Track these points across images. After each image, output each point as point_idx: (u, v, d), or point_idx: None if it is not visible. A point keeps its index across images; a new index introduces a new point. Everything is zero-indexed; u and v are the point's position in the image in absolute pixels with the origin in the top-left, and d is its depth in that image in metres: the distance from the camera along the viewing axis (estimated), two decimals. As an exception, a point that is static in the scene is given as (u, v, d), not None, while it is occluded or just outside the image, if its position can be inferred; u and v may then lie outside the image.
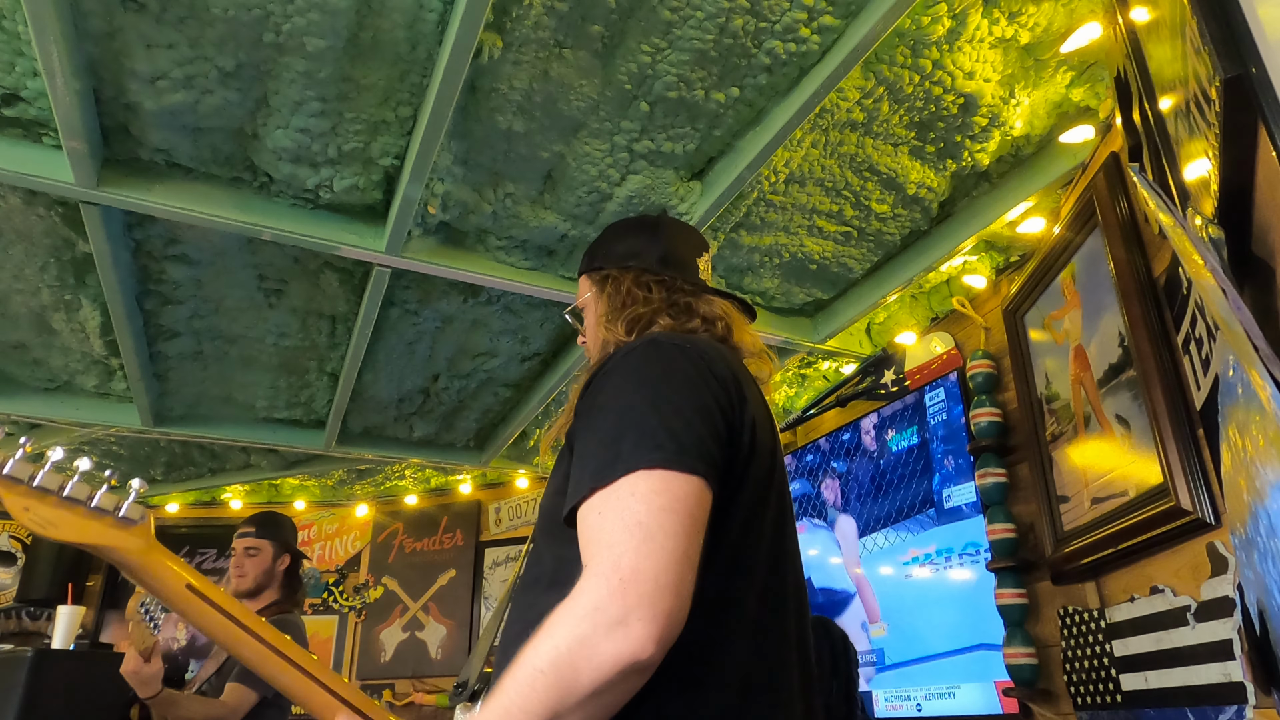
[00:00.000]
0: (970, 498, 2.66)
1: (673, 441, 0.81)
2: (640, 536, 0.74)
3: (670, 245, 1.30)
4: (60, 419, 3.35)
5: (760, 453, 0.92)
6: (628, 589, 0.72)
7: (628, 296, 1.21)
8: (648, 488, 0.77)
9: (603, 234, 1.37)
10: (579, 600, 0.74)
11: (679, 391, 0.87)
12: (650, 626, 0.71)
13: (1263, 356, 0.86)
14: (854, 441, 3.36)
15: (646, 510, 0.76)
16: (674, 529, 0.76)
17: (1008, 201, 2.31)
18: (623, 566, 0.73)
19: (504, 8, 1.67)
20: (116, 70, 1.77)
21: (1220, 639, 1.56)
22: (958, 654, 2.62)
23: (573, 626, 0.72)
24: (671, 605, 0.73)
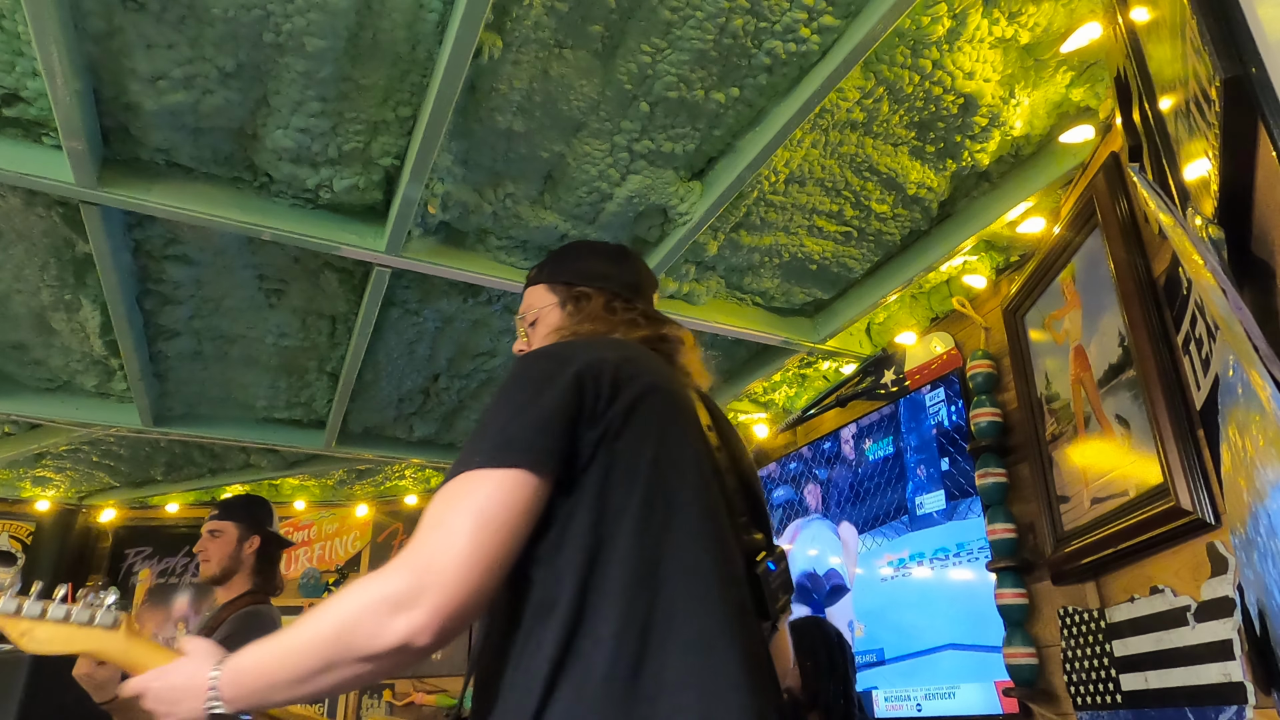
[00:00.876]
0: (940, 505, 2.77)
1: (500, 436, 0.90)
2: (442, 532, 0.83)
3: (636, 276, 1.32)
4: (60, 419, 3.35)
5: (639, 431, 0.96)
6: (420, 580, 0.80)
7: (593, 316, 1.22)
8: (471, 486, 0.86)
9: (567, 250, 1.36)
10: (378, 579, 0.83)
11: (526, 392, 0.95)
12: (429, 617, 0.80)
13: (1263, 356, 0.86)
14: (834, 450, 3.43)
15: (463, 507, 0.84)
16: (484, 524, 0.83)
17: (1008, 201, 2.31)
18: (421, 557, 0.82)
19: (504, 8, 1.67)
20: (116, 70, 1.77)
21: (1220, 639, 1.56)
22: (926, 654, 2.65)
23: (365, 602, 0.82)
24: (455, 601, 0.80)
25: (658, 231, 2.43)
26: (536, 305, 1.29)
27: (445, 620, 0.80)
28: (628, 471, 0.93)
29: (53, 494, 4.70)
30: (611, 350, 1.04)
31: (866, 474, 3.21)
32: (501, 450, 0.88)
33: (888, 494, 3.06)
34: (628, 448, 0.94)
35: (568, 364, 0.97)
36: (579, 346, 1.04)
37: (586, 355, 1.00)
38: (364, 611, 0.81)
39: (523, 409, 0.92)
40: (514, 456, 0.88)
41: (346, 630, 0.82)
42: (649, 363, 1.08)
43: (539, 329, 1.29)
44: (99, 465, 4.26)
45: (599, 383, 0.96)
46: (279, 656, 0.87)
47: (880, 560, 3.03)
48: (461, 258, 2.46)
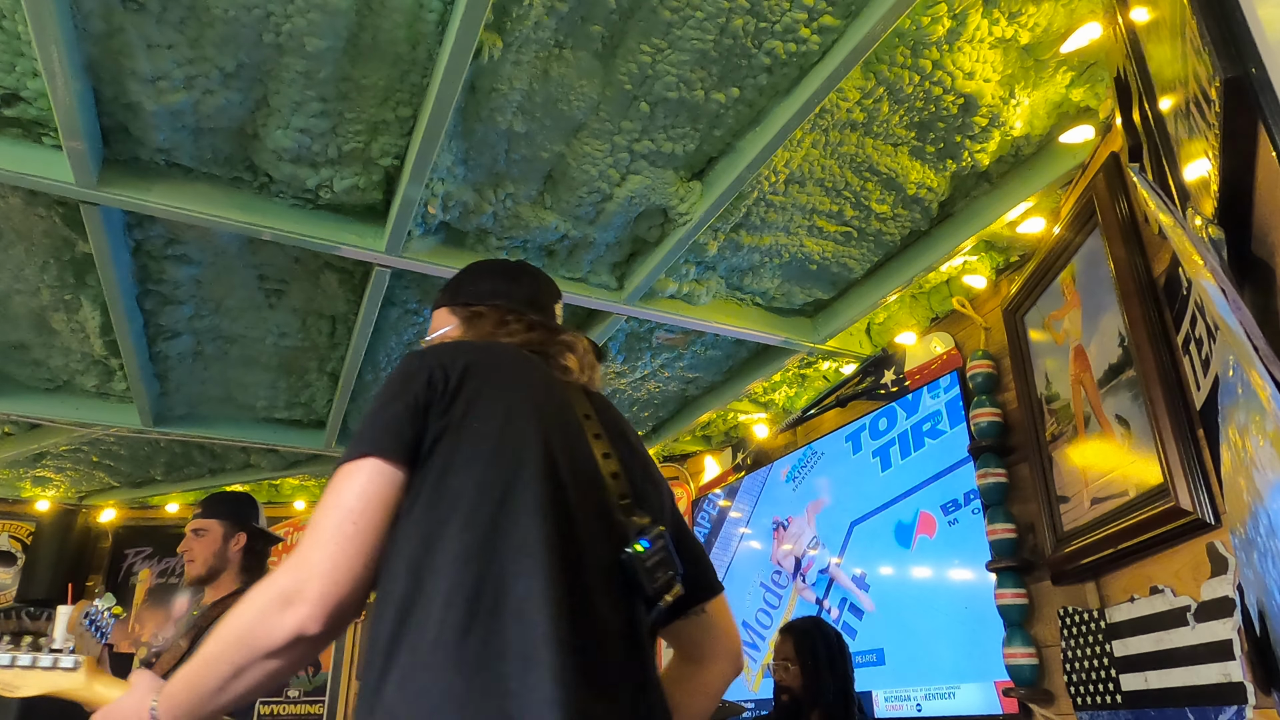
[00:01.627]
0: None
1: (362, 433, 0.98)
2: (315, 530, 0.92)
3: (535, 290, 1.37)
4: (60, 419, 3.35)
5: (483, 420, 1.02)
6: (299, 575, 0.88)
7: (485, 332, 1.27)
8: (333, 487, 0.95)
9: (467, 272, 1.41)
10: (269, 580, 0.90)
11: (388, 393, 1.02)
12: (313, 607, 0.87)
13: (1262, 356, 0.86)
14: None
15: (324, 507, 0.93)
16: (338, 520, 0.91)
17: (1008, 201, 2.31)
18: (300, 554, 0.90)
19: (504, 8, 1.67)
20: (116, 70, 1.77)
21: (1220, 639, 1.56)
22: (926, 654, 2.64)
23: (258, 603, 0.89)
24: (333, 589, 0.88)
25: (658, 231, 2.43)
26: (439, 327, 1.34)
27: (329, 608, 0.88)
28: (468, 458, 0.98)
29: (53, 494, 4.71)
30: (472, 350, 1.12)
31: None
32: (358, 444, 0.97)
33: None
34: (470, 436, 1.00)
35: (425, 364, 1.05)
36: (442, 347, 1.11)
37: (443, 354, 1.08)
38: (258, 612, 0.89)
39: (384, 407, 1.01)
40: (367, 447, 0.96)
41: (247, 632, 0.90)
42: (509, 358, 1.15)
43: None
44: (99, 465, 4.26)
45: (447, 376, 1.04)
46: (199, 671, 0.94)
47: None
48: (461, 258, 2.46)
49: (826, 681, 2.27)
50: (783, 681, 2.32)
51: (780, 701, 2.32)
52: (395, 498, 0.95)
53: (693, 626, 1.16)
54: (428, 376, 1.03)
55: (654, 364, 3.39)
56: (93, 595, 4.95)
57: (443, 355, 1.08)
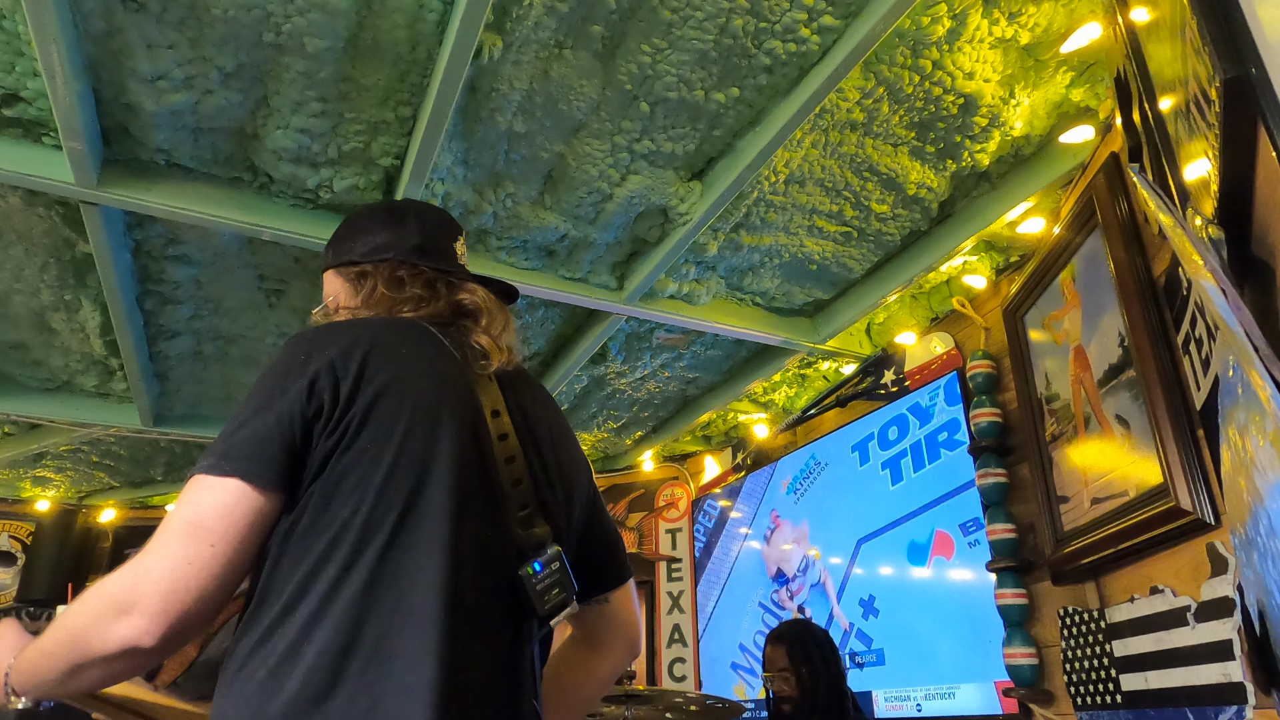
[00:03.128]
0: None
1: (222, 444, 0.89)
2: (162, 540, 0.85)
3: (424, 233, 1.23)
4: (60, 419, 3.35)
5: (376, 435, 0.93)
6: (137, 585, 0.82)
7: (378, 297, 1.15)
8: (188, 497, 0.87)
9: (345, 225, 1.26)
10: (106, 582, 0.85)
11: (261, 392, 0.93)
12: (150, 622, 0.82)
13: (1262, 356, 0.86)
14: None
15: (177, 518, 0.86)
16: (191, 535, 0.84)
17: (1008, 201, 2.31)
18: (142, 564, 0.84)
19: (504, 8, 1.67)
20: (116, 70, 1.77)
21: (1220, 639, 1.56)
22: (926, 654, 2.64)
23: (92, 607, 0.84)
24: (174, 605, 0.82)
25: (658, 231, 2.43)
26: (330, 292, 1.22)
27: (166, 625, 0.82)
28: (356, 485, 0.90)
29: (53, 494, 4.71)
30: (368, 343, 0.99)
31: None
32: (224, 458, 0.88)
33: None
34: (361, 459, 0.91)
35: (309, 361, 0.95)
36: (327, 337, 0.99)
37: (329, 350, 0.96)
38: (92, 616, 0.84)
39: (257, 412, 0.91)
40: (234, 464, 0.87)
41: (80, 634, 0.85)
42: (407, 351, 1.03)
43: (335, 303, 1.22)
44: (99, 465, 4.26)
45: (337, 385, 0.93)
46: (40, 660, 0.90)
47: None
48: (461, 258, 2.46)
49: (823, 684, 2.26)
50: (782, 693, 2.28)
51: (781, 712, 2.29)
52: (265, 522, 0.88)
53: (594, 614, 1.14)
54: (311, 381, 0.92)
55: (654, 364, 3.39)
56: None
57: (332, 350, 0.96)
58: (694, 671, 4.17)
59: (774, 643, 2.37)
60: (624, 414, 3.96)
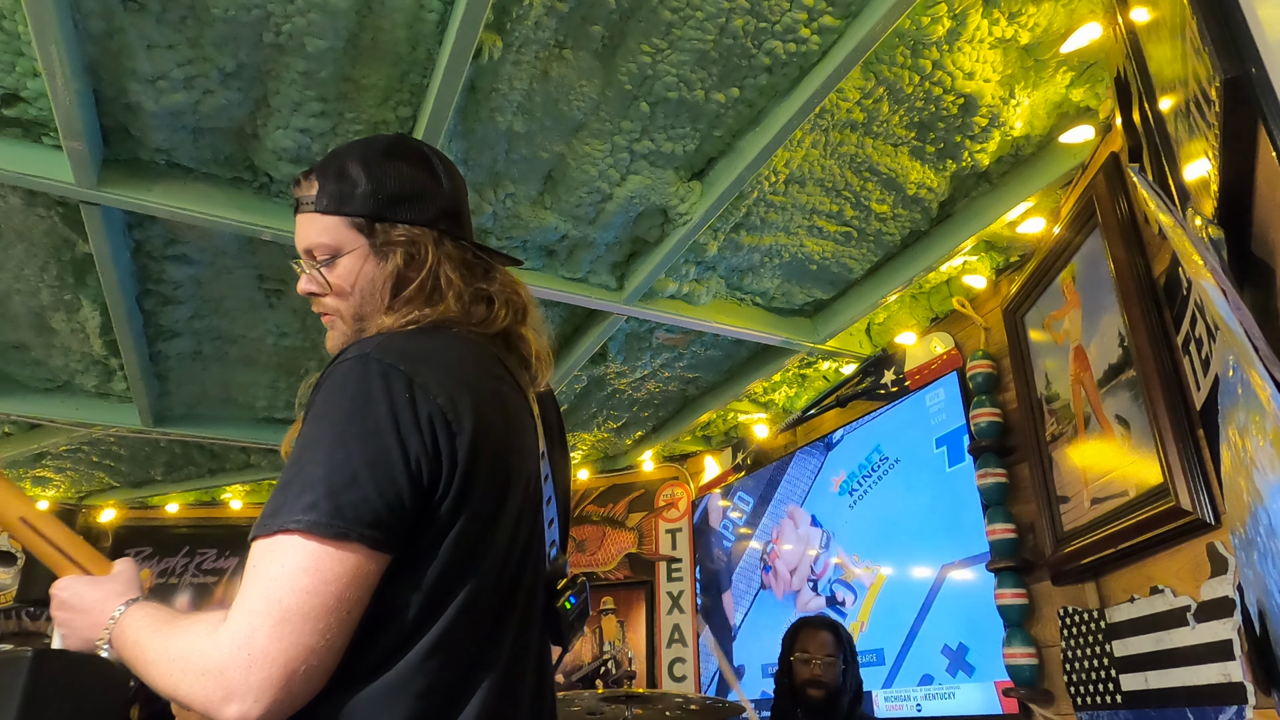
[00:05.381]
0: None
1: (329, 501, 0.76)
2: (278, 616, 0.73)
3: (455, 190, 1.03)
4: (60, 419, 3.35)
5: (482, 486, 0.85)
6: (253, 669, 0.72)
7: (429, 277, 0.95)
8: (295, 560, 0.74)
9: (362, 158, 0.98)
10: (206, 657, 0.75)
11: (359, 434, 0.79)
12: (262, 709, 0.72)
13: (1263, 356, 0.86)
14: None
15: (289, 587, 0.74)
16: (314, 612, 0.74)
17: (1008, 201, 2.31)
18: (255, 643, 0.73)
19: (504, 8, 1.67)
20: (116, 70, 1.77)
21: (1220, 639, 1.56)
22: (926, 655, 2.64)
23: (195, 679, 0.75)
24: (293, 692, 0.74)
25: (658, 231, 2.43)
26: (330, 242, 0.96)
27: (277, 712, 0.74)
28: (459, 546, 0.82)
29: (53, 494, 4.71)
30: (464, 384, 0.86)
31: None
32: (337, 516, 0.75)
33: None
34: (466, 518, 0.83)
35: (415, 403, 0.81)
36: (427, 373, 0.84)
37: (435, 394, 0.83)
38: (198, 691, 0.75)
39: (361, 458, 0.78)
40: (350, 526, 0.75)
41: (183, 695, 0.77)
42: (490, 388, 0.91)
43: (341, 278, 0.97)
44: (99, 465, 4.26)
45: (453, 441, 0.82)
46: (152, 659, 0.81)
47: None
48: (461, 258, 2.46)
49: (853, 683, 2.35)
50: (817, 677, 2.32)
51: (809, 696, 2.32)
52: (373, 588, 0.78)
53: None
54: (405, 432, 0.79)
55: (654, 364, 3.39)
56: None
57: (438, 394, 0.83)
58: (694, 671, 4.16)
59: (819, 628, 2.42)
60: (624, 414, 3.96)
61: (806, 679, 2.33)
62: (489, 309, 0.98)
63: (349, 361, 0.85)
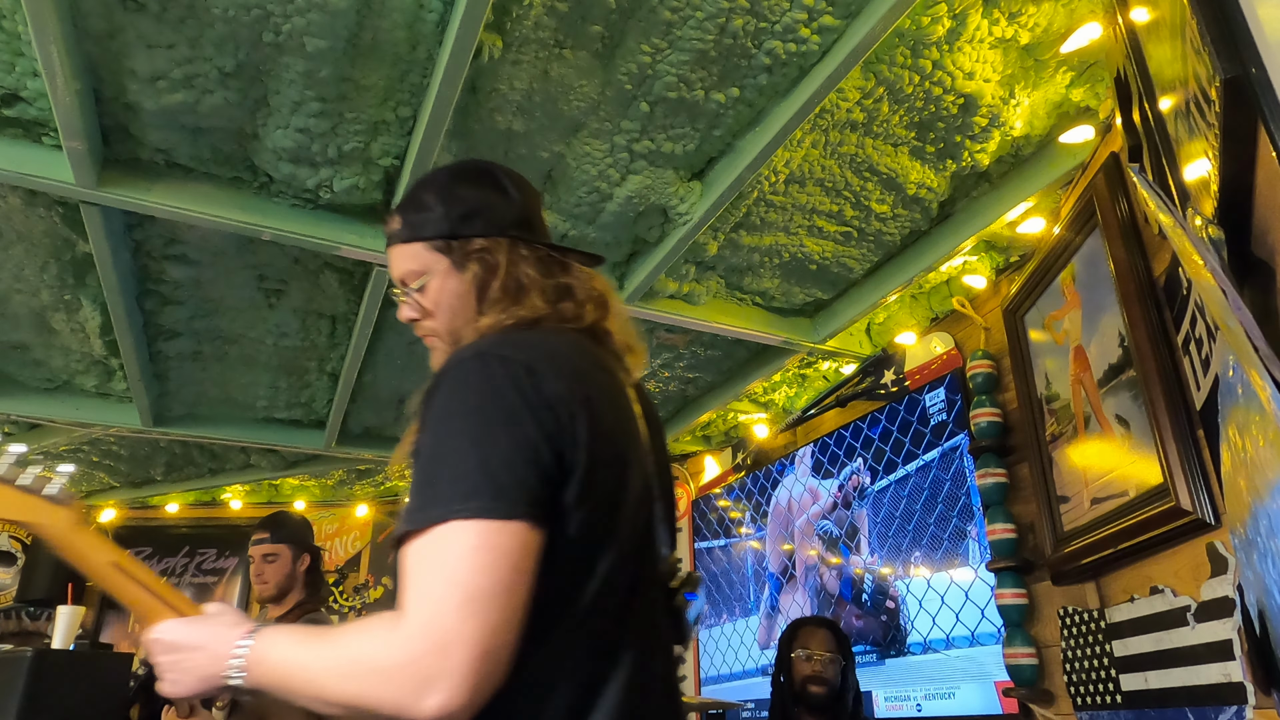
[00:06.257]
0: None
1: (490, 485, 0.77)
2: (462, 597, 0.72)
3: (525, 201, 1.09)
4: (60, 419, 3.35)
5: (600, 468, 0.84)
6: (449, 653, 0.70)
7: (508, 279, 1.00)
8: (467, 543, 0.74)
9: (427, 188, 1.07)
10: (393, 651, 0.72)
11: (498, 422, 0.81)
12: (463, 695, 0.70)
13: (1263, 356, 0.87)
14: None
15: (467, 568, 0.73)
16: (496, 588, 0.73)
17: (1008, 201, 2.31)
18: (445, 627, 0.71)
19: (504, 8, 1.67)
20: (116, 70, 1.77)
21: (1220, 639, 1.56)
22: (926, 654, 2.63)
23: (395, 669, 0.72)
24: (490, 672, 0.72)
25: (658, 231, 2.43)
26: (414, 271, 1.04)
27: (480, 696, 0.72)
28: (589, 532, 0.82)
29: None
30: (567, 372, 0.88)
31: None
32: (500, 497, 0.76)
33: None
34: (592, 504, 0.83)
35: (540, 390, 0.83)
36: (542, 362, 0.86)
37: (553, 382, 0.84)
38: (393, 683, 0.72)
39: (509, 440, 0.79)
40: (513, 505, 0.76)
41: (374, 694, 0.73)
42: (604, 379, 0.94)
43: (441, 301, 1.04)
44: (99, 465, 4.26)
45: (575, 424, 0.83)
46: (313, 675, 0.78)
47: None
48: (461, 258, 2.46)
49: (854, 683, 2.37)
50: (819, 675, 2.34)
51: (809, 692, 2.33)
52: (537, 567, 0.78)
53: None
54: (538, 415, 0.81)
55: (654, 364, 3.39)
56: (95, 595, 4.95)
57: (553, 378, 0.84)
58: (694, 671, 4.17)
59: (818, 626, 2.44)
60: (624, 414, 3.95)
61: (807, 675, 2.34)
62: (576, 304, 1.02)
63: (465, 361, 0.88)
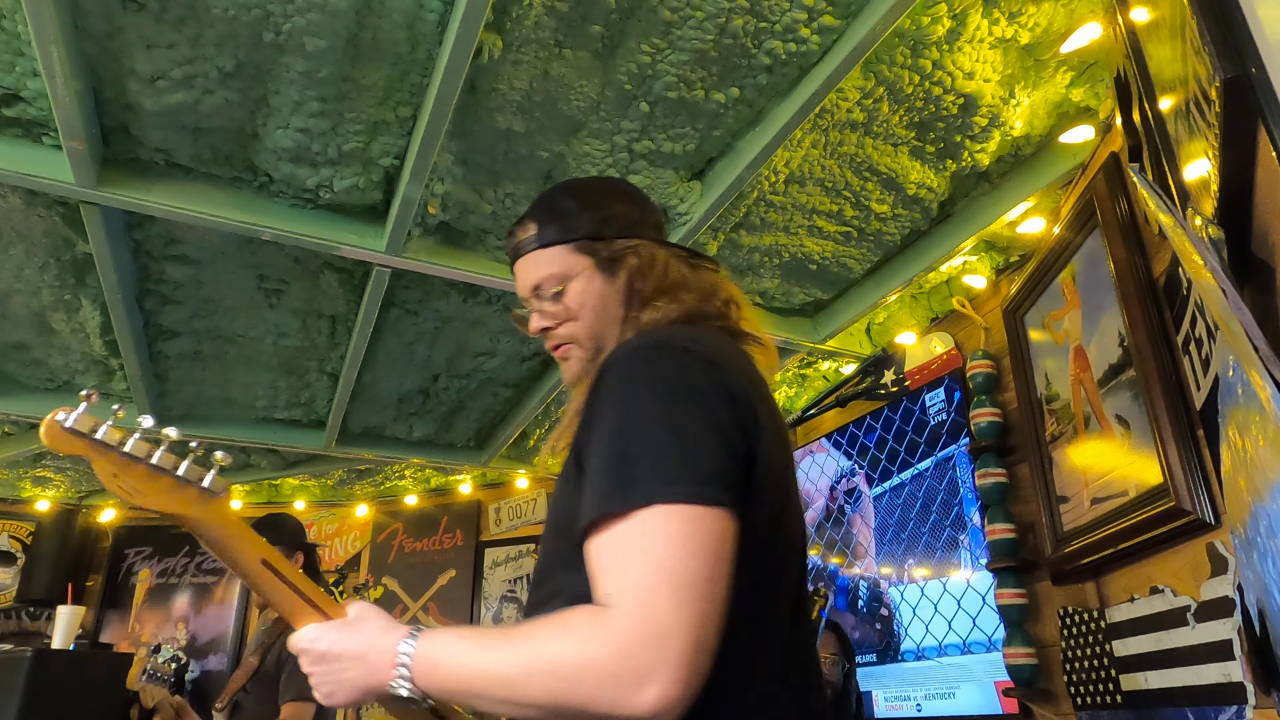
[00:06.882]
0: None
1: (693, 469, 0.75)
2: (673, 585, 0.69)
3: (652, 207, 1.10)
4: (60, 419, 3.35)
5: (774, 464, 0.84)
6: (666, 642, 0.68)
7: (662, 277, 0.99)
8: (674, 528, 0.72)
9: (565, 194, 1.07)
10: (603, 644, 0.69)
11: (693, 406, 0.79)
12: (679, 688, 0.68)
13: (1263, 356, 0.86)
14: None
15: (676, 554, 0.71)
16: (706, 576, 0.71)
17: (1008, 201, 2.31)
18: (660, 615, 0.68)
19: (504, 8, 1.67)
20: (116, 70, 1.77)
21: (1220, 639, 1.56)
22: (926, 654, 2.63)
23: (589, 676, 0.69)
24: (702, 665, 0.69)
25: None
26: (558, 271, 1.01)
27: (692, 692, 0.69)
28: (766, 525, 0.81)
29: (53, 494, 4.71)
30: (738, 367, 0.87)
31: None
32: (707, 484, 0.74)
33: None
34: (766, 498, 0.82)
35: (724, 383, 0.81)
36: (718, 356, 0.85)
37: (734, 377, 0.84)
38: (602, 676, 0.69)
39: (706, 423, 0.77)
40: (718, 493, 0.74)
41: (581, 690, 0.70)
42: (759, 378, 0.93)
43: (586, 302, 1.01)
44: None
45: (755, 414, 0.82)
46: (503, 677, 0.75)
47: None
48: (461, 258, 2.46)
49: (856, 686, 2.38)
50: (826, 676, 2.35)
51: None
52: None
53: None
54: (727, 404, 0.80)
55: (654, 364, 3.39)
56: (95, 595, 4.95)
57: (729, 368, 0.84)
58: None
59: (824, 628, 2.44)
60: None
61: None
62: (721, 302, 1.02)
63: (645, 348, 0.85)
